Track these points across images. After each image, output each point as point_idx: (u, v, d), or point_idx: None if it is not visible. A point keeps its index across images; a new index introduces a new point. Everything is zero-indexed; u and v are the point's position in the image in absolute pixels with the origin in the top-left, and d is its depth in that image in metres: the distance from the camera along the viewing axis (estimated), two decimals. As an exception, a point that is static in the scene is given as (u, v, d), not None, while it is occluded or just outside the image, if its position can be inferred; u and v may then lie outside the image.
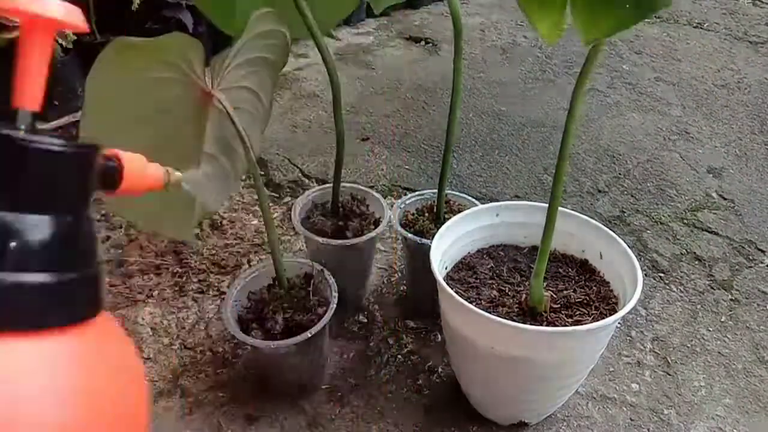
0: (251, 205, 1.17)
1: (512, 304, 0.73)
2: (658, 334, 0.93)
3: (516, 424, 0.78)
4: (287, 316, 0.73)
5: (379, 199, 0.91)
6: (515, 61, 1.82)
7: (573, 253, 0.81)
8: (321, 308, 0.74)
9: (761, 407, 0.82)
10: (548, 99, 1.62)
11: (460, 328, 0.69)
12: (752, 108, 1.60)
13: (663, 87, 1.69)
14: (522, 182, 1.28)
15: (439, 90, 1.64)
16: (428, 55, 1.86)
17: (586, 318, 0.71)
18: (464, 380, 0.78)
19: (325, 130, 1.43)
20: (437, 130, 1.46)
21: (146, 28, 1.42)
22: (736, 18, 2.17)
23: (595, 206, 1.21)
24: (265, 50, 0.64)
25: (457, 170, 1.31)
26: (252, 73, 0.64)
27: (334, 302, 0.73)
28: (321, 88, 1.62)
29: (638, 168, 1.34)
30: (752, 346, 0.92)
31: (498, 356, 0.66)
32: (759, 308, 0.98)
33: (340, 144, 0.82)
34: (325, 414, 0.79)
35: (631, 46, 1.94)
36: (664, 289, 1.01)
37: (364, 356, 0.88)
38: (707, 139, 1.46)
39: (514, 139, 1.44)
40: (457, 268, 0.80)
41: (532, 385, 0.70)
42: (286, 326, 0.72)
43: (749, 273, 1.06)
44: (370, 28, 2.06)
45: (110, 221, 1.11)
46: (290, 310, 0.74)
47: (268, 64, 0.66)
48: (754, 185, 1.29)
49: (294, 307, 0.75)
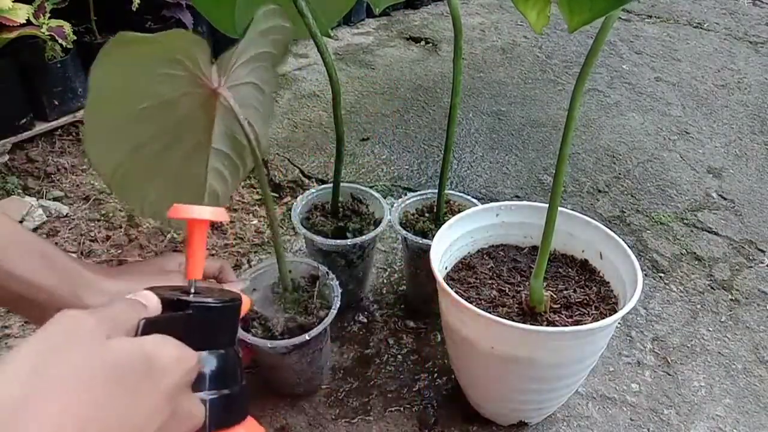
0: (251, 205, 1.17)
1: (512, 304, 0.73)
2: (658, 334, 0.93)
3: (516, 424, 0.78)
4: (288, 317, 0.73)
5: (379, 199, 0.91)
6: (515, 61, 1.82)
7: (573, 253, 0.81)
8: (323, 311, 0.74)
9: (761, 407, 0.82)
10: (548, 99, 1.62)
11: (460, 328, 0.69)
12: (752, 108, 1.60)
13: (663, 87, 1.69)
14: (522, 182, 1.28)
15: (439, 90, 1.64)
16: (428, 55, 1.86)
17: (586, 318, 0.71)
18: (464, 380, 0.78)
19: (325, 130, 1.43)
20: (437, 130, 1.46)
21: (146, 28, 1.42)
22: (736, 18, 2.17)
23: (595, 206, 1.21)
24: (269, 45, 0.64)
25: (457, 170, 1.31)
26: (256, 68, 0.64)
27: (336, 305, 0.73)
28: (321, 88, 1.62)
29: (638, 168, 1.34)
30: (752, 346, 0.92)
31: (498, 356, 0.66)
32: (759, 308, 0.98)
33: (340, 144, 0.82)
34: (324, 414, 0.79)
35: (631, 46, 1.94)
36: (664, 289, 1.01)
37: (364, 356, 0.88)
38: (707, 139, 1.46)
39: (514, 139, 1.44)
40: (457, 268, 0.80)
41: (532, 385, 0.70)
42: (287, 327, 0.72)
43: (749, 273, 1.06)
44: (369, 28, 2.06)
45: (110, 221, 1.11)
46: (292, 311, 0.74)
47: (271, 58, 0.66)
48: (754, 185, 1.29)
49: (297, 308, 0.75)
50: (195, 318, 0.41)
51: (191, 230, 0.46)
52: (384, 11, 2.08)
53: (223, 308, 0.43)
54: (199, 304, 0.41)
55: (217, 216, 0.46)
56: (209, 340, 0.42)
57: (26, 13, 1.17)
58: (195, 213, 0.45)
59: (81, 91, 1.32)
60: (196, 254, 0.46)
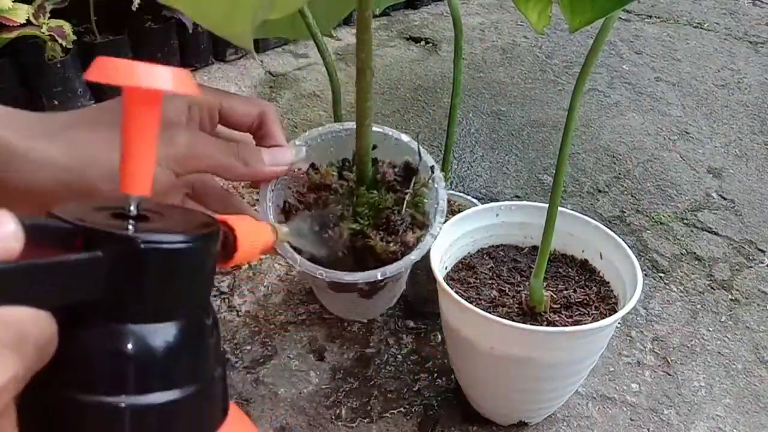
0: (251, 205, 1.17)
1: (512, 304, 0.73)
2: (658, 334, 0.93)
3: (516, 424, 0.78)
4: (356, 229, 0.49)
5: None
6: (515, 61, 1.82)
7: (573, 253, 0.81)
8: (413, 232, 0.50)
9: (761, 407, 0.82)
10: (548, 99, 1.62)
11: (460, 328, 0.69)
12: (752, 108, 1.60)
13: (663, 87, 1.69)
14: (522, 182, 1.28)
15: (439, 90, 1.64)
16: (428, 55, 1.86)
17: (586, 318, 0.71)
18: (464, 380, 0.78)
19: (325, 130, 1.43)
20: (437, 130, 1.46)
21: (146, 28, 1.42)
22: (736, 18, 2.17)
23: (595, 206, 1.21)
24: None
25: (457, 170, 1.31)
26: None
27: (438, 226, 0.48)
28: (321, 88, 1.62)
29: (638, 168, 1.34)
30: (752, 346, 0.92)
31: (498, 356, 0.66)
32: (759, 308, 0.98)
33: (340, 144, 0.82)
34: (324, 414, 0.79)
35: (631, 46, 1.94)
36: (664, 289, 1.01)
37: (364, 356, 0.88)
38: (707, 139, 1.46)
39: (514, 139, 1.44)
40: (457, 268, 0.80)
41: (532, 385, 0.70)
42: (353, 246, 0.49)
43: (749, 273, 1.06)
44: (370, 28, 2.06)
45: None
46: (365, 221, 0.49)
47: None
48: (754, 185, 1.29)
49: (372, 218, 0.50)
50: (123, 270, 0.23)
51: (131, 104, 0.26)
52: (384, 11, 2.08)
53: (192, 250, 0.25)
54: (149, 245, 0.23)
55: (181, 85, 0.25)
56: (166, 306, 0.25)
57: (26, 13, 1.17)
58: (142, 76, 0.24)
59: (81, 91, 1.32)
60: (141, 150, 0.26)
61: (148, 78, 0.24)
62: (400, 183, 0.49)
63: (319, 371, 0.85)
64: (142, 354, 0.23)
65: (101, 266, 0.22)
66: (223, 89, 0.46)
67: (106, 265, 0.23)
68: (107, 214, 0.25)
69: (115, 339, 0.23)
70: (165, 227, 0.25)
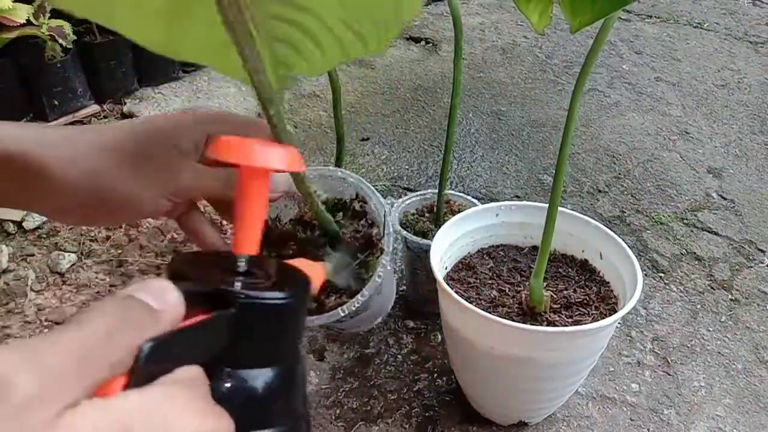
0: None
1: (512, 304, 0.73)
2: (658, 334, 0.93)
3: (516, 424, 0.78)
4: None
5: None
6: (515, 61, 1.82)
7: (573, 253, 0.81)
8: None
9: (761, 407, 0.82)
10: (548, 99, 1.62)
11: (460, 328, 0.69)
12: (752, 108, 1.60)
13: (663, 87, 1.69)
14: (522, 182, 1.28)
15: (439, 90, 1.64)
16: (428, 55, 1.86)
17: (586, 318, 0.71)
18: (464, 380, 0.78)
19: (325, 130, 1.43)
20: (437, 130, 1.46)
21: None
22: (736, 18, 2.17)
23: (595, 206, 1.21)
24: None
25: (457, 170, 1.31)
26: None
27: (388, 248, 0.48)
28: (321, 88, 1.62)
29: (638, 168, 1.34)
30: (752, 346, 0.92)
31: (498, 356, 0.66)
32: (759, 308, 0.98)
33: (341, 144, 0.82)
34: (324, 414, 0.79)
35: (631, 46, 1.94)
36: (664, 289, 1.01)
37: (364, 356, 0.88)
38: (707, 139, 1.46)
39: (514, 139, 1.44)
40: (457, 268, 0.80)
41: (532, 385, 0.70)
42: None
43: (749, 273, 1.06)
44: (370, 28, 2.06)
45: (110, 221, 1.11)
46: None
47: None
48: (754, 185, 1.29)
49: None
50: (242, 323, 0.26)
51: (247, 178, 0.30)
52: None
53: (288, 303, 0.27)
54: (252, 299, 0.26)
55: (292, 164, 0.29)
56: (260, 358, 0.27)
57: (26, 13, 1.17)
58: (259, 158, 0.28)
59: (81, 91, 1.32)
60: (251, 216, 0.30)
61: (266, 159, 0.28)
62: (359, 248, 0.50)
63: (319, 371, 0.85)
64: (249, 396, 0.26)
65: (230, 321, 0.26)
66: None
67: (233, 320, 0.26)
68: (219, 271, 0.29)
69: (237, 383, 0.26)
70: (273, 283, 0.29)
